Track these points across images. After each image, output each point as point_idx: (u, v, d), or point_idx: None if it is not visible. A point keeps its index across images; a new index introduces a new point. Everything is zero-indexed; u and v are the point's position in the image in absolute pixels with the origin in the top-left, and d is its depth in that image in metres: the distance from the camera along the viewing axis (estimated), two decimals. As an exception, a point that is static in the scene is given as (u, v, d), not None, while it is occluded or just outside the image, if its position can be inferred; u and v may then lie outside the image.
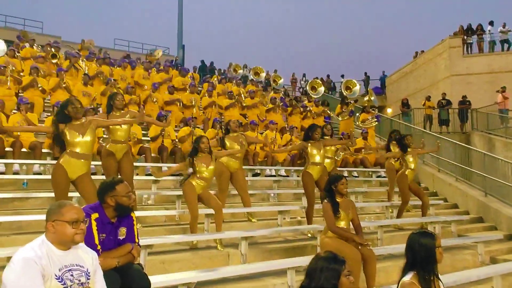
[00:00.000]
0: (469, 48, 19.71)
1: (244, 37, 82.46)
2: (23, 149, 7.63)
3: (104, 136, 8.97)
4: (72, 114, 5.00)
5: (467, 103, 16.44)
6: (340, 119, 13.06)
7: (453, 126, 16.38)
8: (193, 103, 11.23)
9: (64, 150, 5.02)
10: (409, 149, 7.95)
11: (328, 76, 24.63)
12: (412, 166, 7.95)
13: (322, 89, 14.21)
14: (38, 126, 6.73)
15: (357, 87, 13.29)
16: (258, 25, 79.96)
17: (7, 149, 7.46)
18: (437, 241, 3.13)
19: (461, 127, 16.17)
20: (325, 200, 5.07)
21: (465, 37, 19.56)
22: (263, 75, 16.67)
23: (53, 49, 11.74)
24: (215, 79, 15.34)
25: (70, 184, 5.08)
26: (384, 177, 10.62)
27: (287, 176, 9.91)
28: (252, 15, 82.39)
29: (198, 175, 6.09)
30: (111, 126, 5.94)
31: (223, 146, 7.17)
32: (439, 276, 3.17)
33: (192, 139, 9.14)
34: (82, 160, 5.03)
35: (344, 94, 13.41)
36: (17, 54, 11.77)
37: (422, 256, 3.06)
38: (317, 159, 7.02)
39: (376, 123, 12.46)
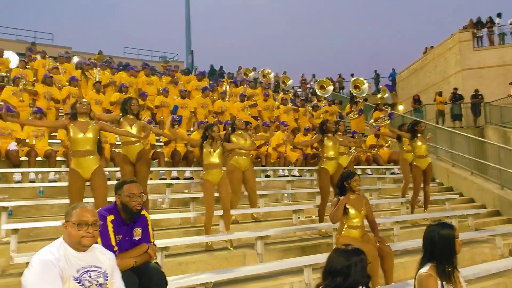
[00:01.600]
0: (480, 42, 19.50)
1: (252, 40, 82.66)
2: (38, 158, 7.74)
3: (117, 142, 9.07)
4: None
5: (480, 97, 16.27)
6: (349, 118, 12.99)
7: (466, 121, 16.22)
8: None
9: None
10: (419, 135, 8.02)
11: (339, 75, 24.57)
12: (421, 151, 7.96)
13: (331, 88, 14.14)
14: (53, 122, 6.78)
15: (366, 86, 13.21)
16: (267, 28, 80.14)
17: (22, 158, 7.57)
18: (456, 232, 3.09)
19: (474, 121, 16.00)
20: (337, 196, 5.04)
21: (475, 30, 19.36)
22: (272, 76, 16.67)
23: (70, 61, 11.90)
24: (225, 83, 15.39)
25: (85, 190, 5.20)
26: (398, 173, 10.56)
27: (300, 176, 9.89)
28: (260, 18, 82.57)
29: (206, 164, 6.09)
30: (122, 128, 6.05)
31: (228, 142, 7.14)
32: (458, 268, 3.13)
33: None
34: (88, 157, 5.18)
35: (353, 93, 13.37)
36: (28, 66, 11.94)
37: (441, 247, 3.02)
38: (332, 153, 7.05)
39: (389, 121, 12.37)
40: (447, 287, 2.96)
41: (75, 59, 14.55)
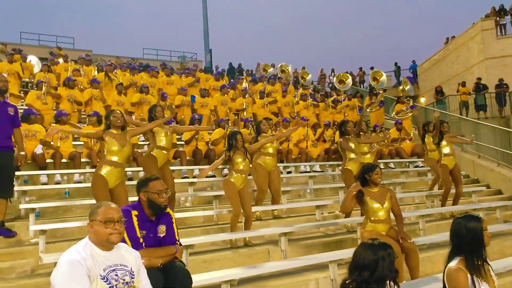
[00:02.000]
0: (503, 29, 19.03)
1: (271, 35, 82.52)
2: (63, 160, 7.87)
3: (139, 143, 9.17)
4: (112, 123, 5.30)
5: (504, 86, 15.89)
6: (369, 110, 12.85)
7: (491, 111, 15.84)
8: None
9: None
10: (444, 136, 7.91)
11: (360, 68, 24.35)
12: (447, 150, 7.86)
13: (350, 81, 14.05)
14: (88, 132, 6.91)
15: (384, 77, 13.10)
16: (285, 22, 79.88)
17: (48, 160, 7.70)
18: (483, 224, 3.02)
19: (500, 111, 15.62)
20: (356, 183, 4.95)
21: (498, 18, 18.88)
22: (290, 71, 16.60)
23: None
24: (244, 80, 15.39)
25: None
26: (422, 167, 10.40)
27: (322, 171, 9.83)
28: (278, 12, 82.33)
29: (234, 169, 6.09)
30: (155, 134, 6.22)
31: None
32: (488, 261, 3.06)
33: (225, 140, 9.21)
34: (120, 169, 5.34)
35: (372, 85, 13.24)
36: (51, 69, 12.14)
37: (469, 240, 2.95)
38: (353, 155, 7.06)
39: (411, 113, 12.18)
40: (477, 281, 2.89)
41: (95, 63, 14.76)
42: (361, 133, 7.81)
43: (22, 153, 5.63)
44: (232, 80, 14.74)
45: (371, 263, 2.63)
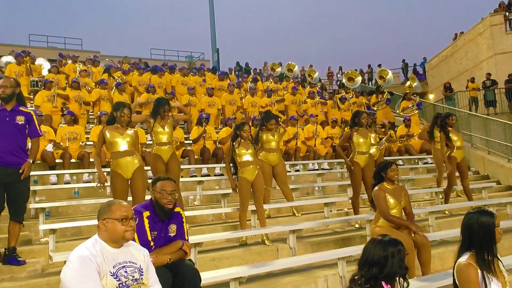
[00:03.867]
0: (512, 24, 18.84)
1: (278, 34, 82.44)
2: (72, 160, 7.93)
3: (148, 142, 9.20)
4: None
5: (514, 81, 15.73)
6: (375, 108, 12.78)
7: (501, 107, 15.70)
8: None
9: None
10: (450, 129, 7.87)
11: (369, 66, 24.25)
12: (459, 143, 7.89)
13: (359, 79, 14.03)
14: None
15: (390, 75, 13.06)
16: (293, 20, 79.76)
17: (57, 160, 7.76)
18: (496, 220, 2.98)
19: (510, 106, 15.47)
20: (376, 188, 4.96)
21: (507, 13, 18.68)
22: (297, 70, 16.59)
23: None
24: (251, 79, 15.39)
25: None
26: (431, 163, 10.33)
27: (330, 169, 9.80)
28: (286, 10, 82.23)
29: (239, 161, 6.06)
30: (154, 131, 6.17)
31: (257, 140, 7.10)
32: (499, 257, 3.02)
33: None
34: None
35: (378, 83, 13.20)
36: (59, 70, 12.24)
37: (481, 235, 2.90)
38: (363, 148, 6.96)
39: (417, 111, 12.09)
40: (488, 277, 2.86)
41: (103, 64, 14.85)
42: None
43: (30, 160, 4.86)
44: (240, 80, 14.73)
45: (380, 259, 2.62)
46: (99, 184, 5.52)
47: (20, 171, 4.66)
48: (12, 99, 4.70)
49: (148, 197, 3.90)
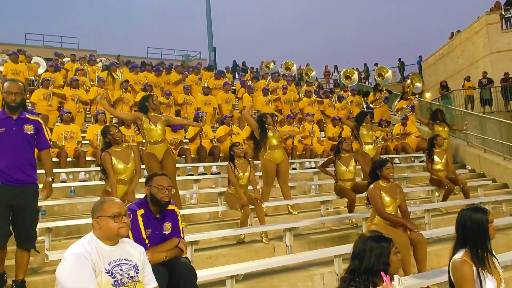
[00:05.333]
0: (508, 23, 18.88)
1: (275, 34, 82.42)
2: (68, 159, 7.91)
3: (144, 141, 9.19)
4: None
5: (510, 80, 15.79)
6: (372, 106, 12.81)
7: (497, 105, 15.77)
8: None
9: None
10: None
11: (365, 65, 24.29)
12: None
13: (356, 77, 14.05)
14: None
15: (389, 74, 13.07)
16: (290, 19, 79.72)
17: (53, 159, 7.73)
18: (489, 216, 3.00)
19: (505, 105, 15.54)
20: (372, 186, 4.98)
21: (503, 11, 18.74)
22: (294, 68, 16.61)
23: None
24: (248, 77, 15.42)
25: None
26: (427, 161, 10.34)
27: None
28: (283, 9, 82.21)
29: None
30: (144, 128, 6.14)
31: (262, 139, 7.11)
32: (494, 253, 3.04)
33: (231, 138, 9.22)
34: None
35: (377, 81, 13.22)
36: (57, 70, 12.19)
37: (474, 232, 2.92)
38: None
39: (411, 112, 12.11)
40: (482, 273, 2.87)
41: (100, 63, 14.79)
42: (364, 124, 8.30)
43: (49, 179, 4.32)
44: (239, 78, 14.75)
45: (360, 253, 2.66)
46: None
47: (41, 196, 4.24)
48: (21, 106, 4.08)
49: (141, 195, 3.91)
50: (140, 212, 3.49)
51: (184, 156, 8.85)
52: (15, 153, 3.97)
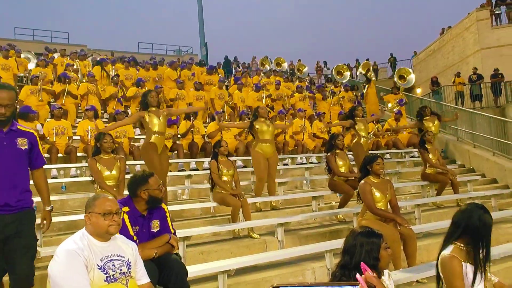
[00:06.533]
0: (498, 20, 19.01)
1: (267, 29, 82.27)
2: (59, 154, 7.87)
3: (136, 136, 9.17)
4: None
5: (500, 76, 15.91)
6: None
7: (487, 101, 15.89)
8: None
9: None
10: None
11: (356, 60, 24.35)
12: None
13: (348, 73, 14.10)
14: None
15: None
16: (281, 14, 79.57)
17: (44, 155, 7.67)
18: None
19: (495, 101, 15.67)
20: (362, 181, 5.02)
21: (493, 8, 18.87)
22: (285, 65, 16.62)
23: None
24: (240, 74, 15.41)
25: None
26: (418, 157, 10.43)
27: (319, 162, 9.85)
28: (273, 3, 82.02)
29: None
30: (148, 121, 6.15)
31: (251, 129, 7.18)
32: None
33: (221, 133, 9.23)
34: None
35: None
36: (47, 65, 12.10)
37: (482, 232, 2.84)
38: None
39: (399, 107, 12.14)
40: (472, 269, 2.90)
41: (90, 58, 14.72)
42: (357, 118, 8.23)
43: (48, 208, 3.74)
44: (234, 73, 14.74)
45: (351, 248, 2.68)
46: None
47: (42, 229, 3.72)
48: (12, 119, 3.36)
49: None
50: (125, 209, 3.45)
51: (176, 152, 8.85)
52: (5, 173, 3.26)
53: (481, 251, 2.87)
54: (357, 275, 1.00)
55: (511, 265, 5.30)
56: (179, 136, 9.46)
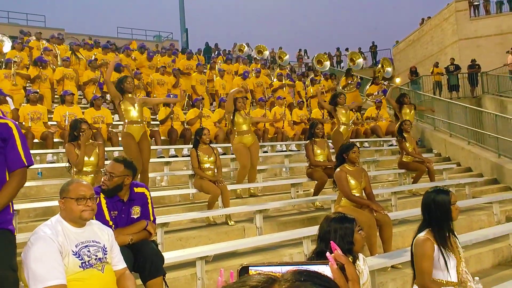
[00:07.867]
0: (476, 11, 19.28)
1: (248, 15, 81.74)
2: (35, 140, 7.73)
3: (114, 122, 9.06)
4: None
5: (476, 66, 16.18)
6: (345, 91, 12.94)
7: (463, 91, 16.17)
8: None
9: None
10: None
11: (337, 49, 24.41)
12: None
13: (327, 63, 14.17)
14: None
15: (360, 60, 13.19)
16: (263, 2, 79.11)
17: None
18: (452, 198, 3.11)
19: (472, 91, 15.95)
20: (338, 169, 5.07)
21: (471, -1, 19.13)
22: (267, 53, 16.59)
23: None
24: (220, 60, 15.29)
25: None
26: (395, 145, 10.56)
27: (298, 150, 9.90)
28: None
29: (201, 167, 6.27)
30: (123, 109, 6.11)
31: (233, 122, 7.17)
32: (455, 233, 3.16)
33: (201, 120, 9.19)
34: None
35: (349, 66, 13.34)
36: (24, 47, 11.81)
37: (438, 213, 3.05)
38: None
39: (383, 96, 12.32)
40: (444, 251, 2.99)
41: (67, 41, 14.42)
42: (339, 106, 8.31)
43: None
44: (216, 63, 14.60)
45: (325, 234, 2.73)
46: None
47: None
48: None
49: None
50: (103, 195, 3.44)
51: (153, 139, 8.77)
52: None
53: (443, 230, 3.01)
54: (327, 253, 1.02)
55: (483, 251, 5.46)
56: (155, 122, 9.40)
